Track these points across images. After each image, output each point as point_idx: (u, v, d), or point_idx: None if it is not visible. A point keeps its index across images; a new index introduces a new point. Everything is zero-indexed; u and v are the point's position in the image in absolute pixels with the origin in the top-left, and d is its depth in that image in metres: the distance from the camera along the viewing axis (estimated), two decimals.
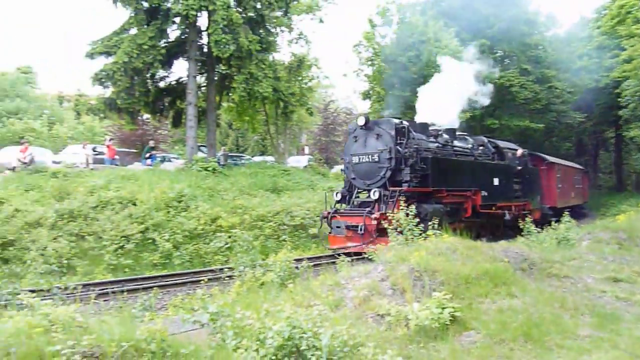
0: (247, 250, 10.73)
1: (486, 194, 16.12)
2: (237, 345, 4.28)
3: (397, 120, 14.07)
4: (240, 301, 5.94)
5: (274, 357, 4.11)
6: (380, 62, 29.64)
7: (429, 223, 9.61)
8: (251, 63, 22.77)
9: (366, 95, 32.30)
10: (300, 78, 30.26)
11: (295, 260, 9.62)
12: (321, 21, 31.46)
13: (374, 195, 13.16)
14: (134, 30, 22.55)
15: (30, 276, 10.76)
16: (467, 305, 6.24)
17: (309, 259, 11.55)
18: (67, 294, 8.02)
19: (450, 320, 5.69)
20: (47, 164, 20.16)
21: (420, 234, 9.43)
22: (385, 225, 10.72)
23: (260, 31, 24.50)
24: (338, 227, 13.62)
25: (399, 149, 13.55)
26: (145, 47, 21.48)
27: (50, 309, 4.50)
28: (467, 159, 16.24)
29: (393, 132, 13.68)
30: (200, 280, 9.91)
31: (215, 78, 25.74)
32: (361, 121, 14.23)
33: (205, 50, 24.55)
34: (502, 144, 19.24)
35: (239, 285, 7.18)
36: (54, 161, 22.08)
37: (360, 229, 12.57)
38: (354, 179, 14.46)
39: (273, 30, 26.27)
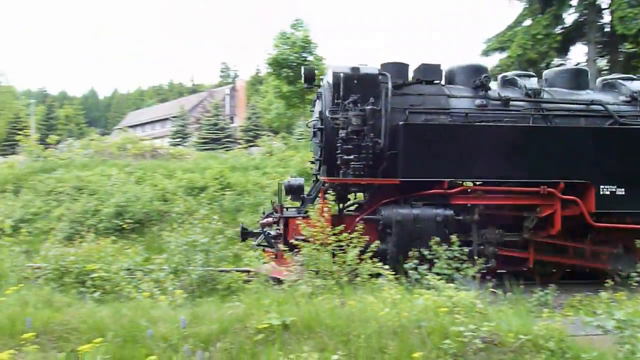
0: None
1: (621, 191, 8.66)
2: None
3: (342, 68, 8.72)
4: None
5: None
6: None
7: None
8: None
9: None
10: None
11: None
12: None
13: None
14: (527, 22, 22.43)
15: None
16: None
17: None
18: (467, 281, 8.55)
19: None
20: None
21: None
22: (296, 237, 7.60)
23: None
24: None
25: (328, 113, 8.64)
26: (539, 36, 21.07)
27: (453, 292, 4.93)
28: (560, 125, 8.99)
29: (331, 88, 8.76)
30: (604, 282, 9.11)
31: (620, 58, 23.13)
32: (303, 77, 9.42)
33: (607, 30, 22.34)
34: None
35: None
36: None
37: (266, 239, 8.74)
38: (312, 162, 10.22)
39: None
